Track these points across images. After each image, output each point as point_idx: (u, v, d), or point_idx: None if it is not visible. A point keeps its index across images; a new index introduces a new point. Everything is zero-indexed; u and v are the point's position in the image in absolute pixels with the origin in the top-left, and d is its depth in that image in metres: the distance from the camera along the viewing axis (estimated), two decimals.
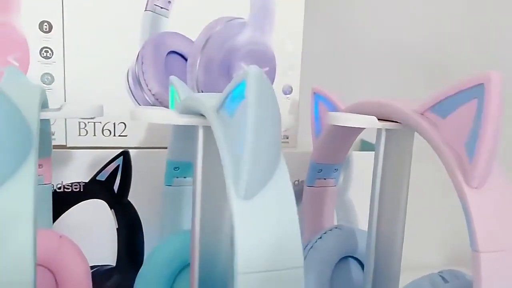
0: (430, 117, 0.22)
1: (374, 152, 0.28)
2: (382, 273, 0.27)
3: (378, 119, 0.25)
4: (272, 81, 0.36)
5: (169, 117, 0.21)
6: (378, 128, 0.26)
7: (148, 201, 0.33)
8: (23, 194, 0.16)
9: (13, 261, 0.15)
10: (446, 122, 0.21)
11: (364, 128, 0.29)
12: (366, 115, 0.24)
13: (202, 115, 0.23)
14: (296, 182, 0.37)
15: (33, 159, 0.17)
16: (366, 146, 0.40)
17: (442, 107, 0.21)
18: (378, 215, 0.26)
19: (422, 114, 0.22)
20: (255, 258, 0.16)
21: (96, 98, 0.33)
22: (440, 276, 0.22)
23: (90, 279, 0.28)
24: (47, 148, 0.29)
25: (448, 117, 0.21)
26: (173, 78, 0.31)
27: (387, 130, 0.26)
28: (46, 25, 0.31)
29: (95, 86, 0.33)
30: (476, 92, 0.20)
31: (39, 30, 0.31)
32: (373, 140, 0.28)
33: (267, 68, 0.36)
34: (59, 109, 0.22)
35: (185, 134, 0.29)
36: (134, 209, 0.34)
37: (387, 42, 0.48)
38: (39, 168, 0.30)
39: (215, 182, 0.24)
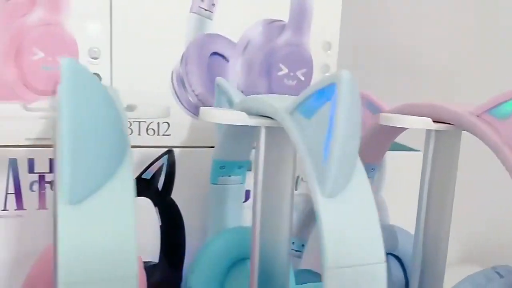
0: (487, 119, 0.23)
1: (409, 152, 0.29)
2: (428, 271, 0.28)
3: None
4: (309, 81, 0.37)
5: (238, 118, 0.22)
6: (427, 130, 0.27)
7: (190, 199, 0.34)
8: (125, 191, 0.16)
9: (117, 256, 0.16)
10: (504, 123, 0.22)
11: (407, 128, 0.31)
12: (420, 117, 0.25)
13: (264, 116, 0.24)
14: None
15: (129, 158, 0.17)
16: (395, 147, 0.41)
17: (500, 109, 0.22)
18: (426, 214, 0.27)
19: (478, 116, 0.23)
20: (342, 253, 0.17)
21: (141, 98, 0.33)
22: (495, 271, 0.23)
23: (144, 274, 0.28)
24: None
25: (508, 120, 0.22)
26: (220, 79, 0.31)
27: (436, 131, 0.27)
28: (94, 26, 0.32)
29: (141, 86, 0.33)
30: None
31: (88, 30, 0.32)
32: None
33: (305, 69, 0.37)
34: (131, 109, 0.22)
35: (234, 134, 0.30)
36: (177, 207, 0.34)
37: (422, 43, 0.49)
38: None
39: (275, 180, 0.25)
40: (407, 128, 0.30)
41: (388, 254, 0.33)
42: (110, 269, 0.16)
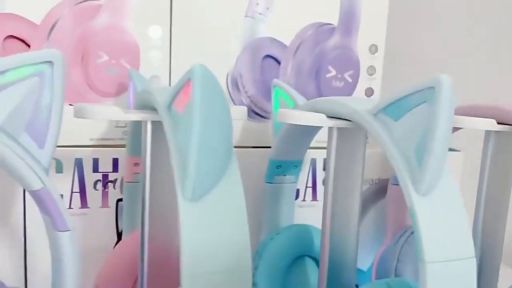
0: None
1: (450, 152, 0.30)
2: (483, 268, 0.29)
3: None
4: (356, 83, 0.38)
5: (319, 119, 0.23)
6: (486, 131, 0.28)
7: (246, 197, 0.35)
8: (236, 189, 0.17)
9: (233, 249, 0.17)
10: None
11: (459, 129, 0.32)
12: (485, 118, 0.26)
13: (337, 117, 0.25)
14: (376, 180, 0.39)
15: (234, 158, 0.18)
16: None
17: None
18: (483, 213, 0.28)
19: None
20: (437, 248, 0.18)
21: None
22: None
23: None
24: None
25: None
26: (278, 81, 0.32)
27: (495, 132, 0.28)
28: (155, 30, 0.33)
29: None
30: None
31: (149, 34, 0.32)
32: None
33: (352, 71, 0.38)
34: None
35: (294, 135, 0.31)
36: None
37: (466, 44, 0.49)
38: None
39: (345, 180, 0.26)
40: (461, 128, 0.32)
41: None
42: (227, 261, 0.17)
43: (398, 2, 0.38)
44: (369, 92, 0.39)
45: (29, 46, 0.30)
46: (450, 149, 0.42)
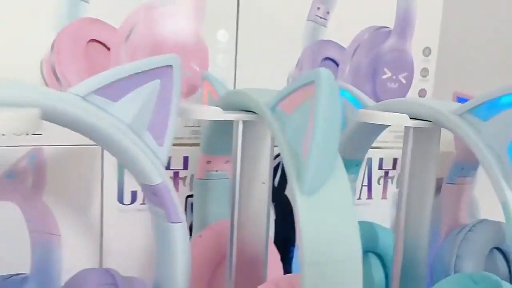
0: None
1: None
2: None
3: None
4: (410, 84, 0.39)
5: (400, 118, 0.24)
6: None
7: None
8: (344, 184, 0.19)
9: (344, 240, 0.18)
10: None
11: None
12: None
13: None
14: None
15: (339, 155, 0.19)
16: None
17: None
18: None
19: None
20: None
21: None
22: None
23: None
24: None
25: None
26: (342, 83, 0.33)
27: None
28: (223, 32, 0.34)
29: (260, 87, 0.36)
30: None
31: (217, 38, 0.34)
32: None
33: (406, 73, 0.39)
34: None
35: (360, 133, 0.32)
36: (290, 202, 0.37)
37: None
38: (226, 163, 0.33)
39: (418, 179, 0.27)
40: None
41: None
42: (340, 251, 0.18)
43: (452, 5, 0.39)
44: (423, 93, 0.40)
45: (108, 48, 0.32)
46: None
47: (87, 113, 0.18)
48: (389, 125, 0.32)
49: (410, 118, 0.25)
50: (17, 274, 0.28)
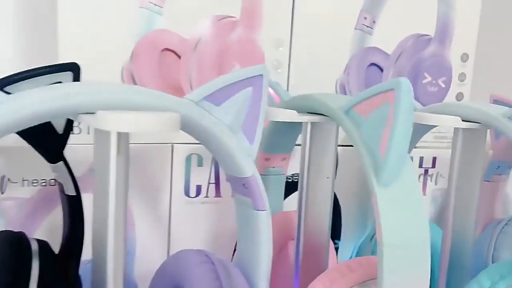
0: None
1: None
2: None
3: None
4: (448, 88, 0.42)
5: (454, 120, 0.27)
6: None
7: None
8: (414, 178, 0.21)
9: (416, 227, 0.21)
10: None
11: None
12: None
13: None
14: None
15: (409, 156, 0.22)
16: None
17: None
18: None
19: None
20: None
21: None
22: None
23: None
24: (291, 145, 0.35)
25: None
26: None
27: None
28: (278, 41, 0.37)
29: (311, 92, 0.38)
30: None
31: (273, 46, 0.37)
32: None
33: (445, 77, 0.41)
34: None
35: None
36: (337, 198, 0.40)
37: None
38: (282, 161, 0.36)
39: (467, 179, 0.30)
40: None
41: None
42: (413, 236, 0.21)
43: (489, 15, 0.42)
44: (460, 96, 0.42)
45: (179, 56, 0.35)
46: None
47: (199, 115, 0.21)
48: (434, 126, 0.35)
49: (463, 120, 0.28)
50: None
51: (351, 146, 0.24)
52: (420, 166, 0.42)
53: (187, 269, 0.23)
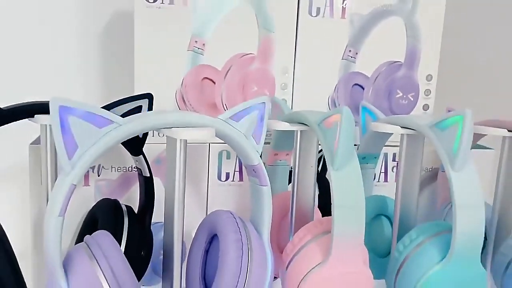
0: None
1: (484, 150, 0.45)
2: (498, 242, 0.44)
3: None
4: (416, 101, 0.55)
5: (395, 130, 0.40)
6: (503, 136, 0.43)
7: None
8: (356, 165, 0.35)
9: (356, 196, 0.34)
10: None
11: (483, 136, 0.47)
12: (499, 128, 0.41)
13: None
14: (430, 169, 0.55)
15: (355, 151, 0.36)
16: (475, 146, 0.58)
17: None
18: (501, 196, 0.44)
19: None
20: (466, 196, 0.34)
21: None
22: None
23: None
24: (292, 144, 0.49)
25: None
26: (365, 102, 0.49)
27: (508, 138, 0.43)
28: (285, 68, 0.51)
29: (309, 108, 0.52)
30: None
31: (281, 72, 0.51)
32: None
33: (413, 93, 0.54)
34: None
35: (374, 137, 0.48)
36: (328, 182, 0.53)
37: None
38: (287, 155, 0.50)
39: (410, 169, 0.43)
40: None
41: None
42: (354, 200, 0.35)
43: (448, 44, 0.54)
44: (426, 107, 0.55)
45: (214, 82, 0.49)
46: (486, 147, 0.57)
47: (226, 128, 0.35)
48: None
49: (402, 127, 0.41)
50: (158, 222, 0.47)
51: None
52: (394, 160, 0.54)
53: (219, 221, 0.38)
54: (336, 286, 0.36)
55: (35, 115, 0.37)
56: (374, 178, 0.54)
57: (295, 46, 0.52)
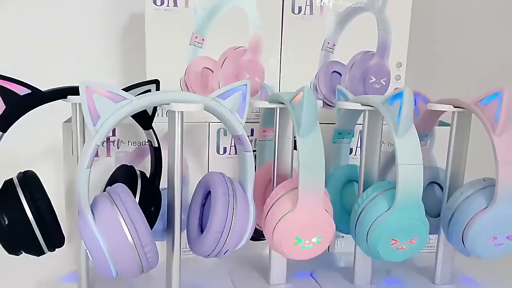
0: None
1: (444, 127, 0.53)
2: (450, 191, 0.53)
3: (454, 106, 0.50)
4: (388, 86, 0.63)
5: (358, 106, 0.49)
6: (452, 112, 0.51)
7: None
8: (319, 134, 0.44)
9: (317, 155, 0.43)
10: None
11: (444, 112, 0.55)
12: (446, 105, 0.49)
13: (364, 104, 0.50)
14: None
15: (317, 121, 0.44)
16: (442, 124, 0.65)
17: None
18: (451, 165, 0.52)
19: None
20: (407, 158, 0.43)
21: None
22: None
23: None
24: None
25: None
26: (339, 86, 0.58)
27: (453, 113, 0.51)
28: (272, 61, 0.60)
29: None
30: None
31: (268, 61, 0.60)
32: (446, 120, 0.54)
33: (385, 78, 0.62)
34: None
35: (347, 115, 0.56)
36: None
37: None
38: (273, 132, 0.59)
39: (372, 140, 0.51)
40: (444, 111, 0.55)
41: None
42: (316, 158, 0.44)
43: (415, 35, 0.62)
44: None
45: (212, 71, 0.59)
46: (444, 124, 0.65)
47: (215, 104, 0.45)
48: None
49: (362, 104, 0.49)
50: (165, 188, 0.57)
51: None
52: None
53: (211, 179, 0.47)
54: (302, 228, 0.45)
55: (68, 96, 0.48)
56: (351, 152, 0.62)
57: (281, 40, 0.61)
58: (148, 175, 0.54)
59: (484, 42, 0.79)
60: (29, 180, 0.47)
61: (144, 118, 0.52)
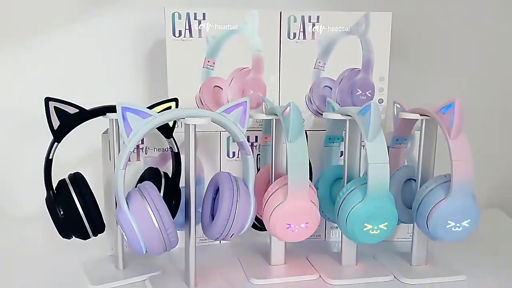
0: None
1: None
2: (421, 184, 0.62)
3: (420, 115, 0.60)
4: (373, 97, 0.73)
5: (337, 116, 0.59)
6: (420, 120, 0.61)
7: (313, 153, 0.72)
8: (303, 140, 0.54)
9: (303, 156, 0.54)
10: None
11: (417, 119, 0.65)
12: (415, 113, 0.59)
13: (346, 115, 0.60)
14: None
15: (303, 129, 0.55)
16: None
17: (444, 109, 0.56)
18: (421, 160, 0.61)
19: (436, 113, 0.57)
20: (377, 159, 0.53)
21: None
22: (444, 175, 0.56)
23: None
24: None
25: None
26: (329, 99, 0.69)
27: (421, 120, 0.61)
28: (271, 79, 0.71)
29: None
30: None
31: (269, 81, 0.71)
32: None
33: (370, 91, 0.72)
34: None
35: (336, 123, 0.67)
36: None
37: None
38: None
39: (353, 146, 0.61)
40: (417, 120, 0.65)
41: (411, 179, 0.67)
42: (301, 158, 0.55)
43: (395, 54, 0.72)
44: (381, 101, 0.73)
45: (222, 89, 0.70)
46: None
47: (221, 118, 0.56)
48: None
49: (342, 115, 0.60)
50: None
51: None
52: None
53: (220, 178, 0.59)
54: (292, 215, 0.55)
55: (107, 113, 0.60)
56: (341, 155, 0.73)
57: (279, 61, 0.72)
58: (170, 175, 0.66)
59: (456, 57, 0.92)
60: (78, 180, 0.60)
61: (166, 129, 0.64)
